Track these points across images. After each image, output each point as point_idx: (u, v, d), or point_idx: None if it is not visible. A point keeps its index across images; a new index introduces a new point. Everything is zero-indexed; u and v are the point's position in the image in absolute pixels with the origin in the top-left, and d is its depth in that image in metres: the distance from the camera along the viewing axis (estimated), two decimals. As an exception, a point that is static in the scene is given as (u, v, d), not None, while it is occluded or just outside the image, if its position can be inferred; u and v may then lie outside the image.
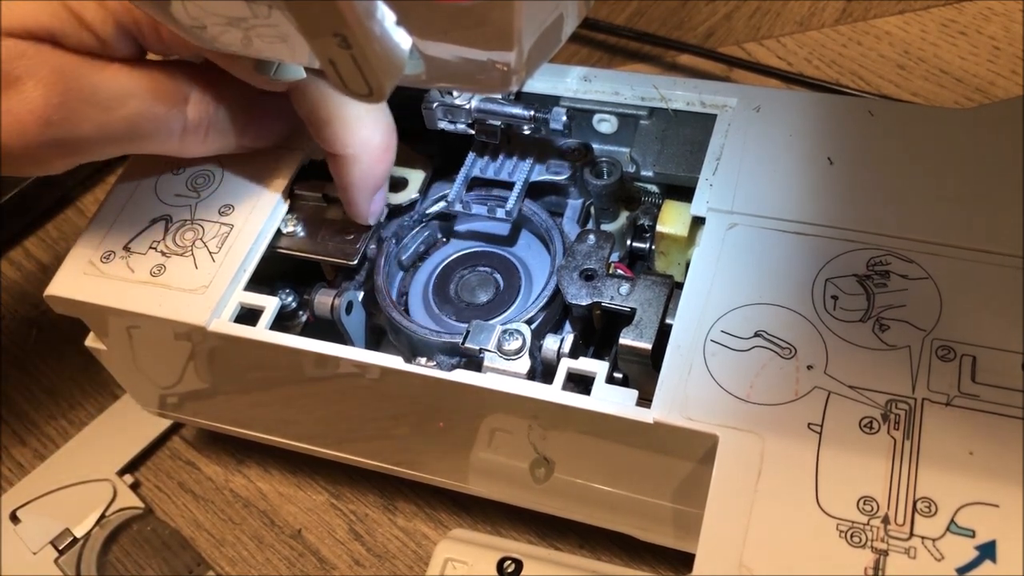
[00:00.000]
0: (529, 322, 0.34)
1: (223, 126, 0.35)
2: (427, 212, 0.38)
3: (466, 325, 0.33)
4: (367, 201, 0.36)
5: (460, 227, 0.39)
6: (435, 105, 0.37)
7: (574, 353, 0.33)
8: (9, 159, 0.31)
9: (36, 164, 0.32)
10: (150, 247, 0.35)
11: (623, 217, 0.38)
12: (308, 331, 0.37)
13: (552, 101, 0.38)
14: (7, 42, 0.29)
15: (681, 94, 0.37)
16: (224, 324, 0.33)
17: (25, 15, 0.29)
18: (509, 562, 0.35)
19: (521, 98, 0.38)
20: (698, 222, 0.34)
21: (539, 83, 0.38)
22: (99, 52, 0.31)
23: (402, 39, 0.24)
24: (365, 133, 0.34)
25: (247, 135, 0.36)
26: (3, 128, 0.30)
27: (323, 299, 0.36)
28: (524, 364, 0.32)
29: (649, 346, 0.32)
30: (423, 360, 0.33)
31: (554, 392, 0.31)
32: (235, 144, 0.36)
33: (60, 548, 0.40)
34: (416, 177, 0.39)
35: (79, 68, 0.30)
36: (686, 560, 0.29)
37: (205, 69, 0.34)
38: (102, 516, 0.41)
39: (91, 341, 0.38)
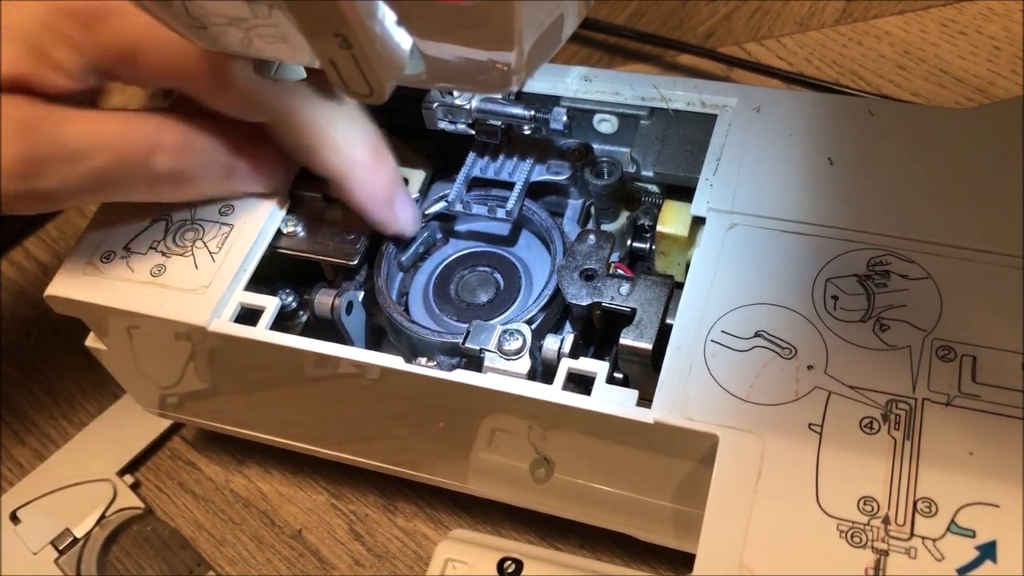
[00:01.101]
0: (529, 322, 0.34)
1: (200, 174, 0.34)
2: (427, 212, 0.38)
3: (466, 325, 0.33)
4: (387, 213, 0.36)
5: (460, 227, 0.39)
6: (435, 105, 0.37)
7: (574, 353, 0.33)
8: None
9: (10, 210, 0.32)
10: (150, 247, 0.35)
11: (623, 217, 0.38)
12: (308, 331, 0.37)
13: (552, 101, 0.38)
14: None
15: (681, 94, 0.37)
16: (224, 324, 0.33)
17: None
18: (509, 562, 0.35)
19: (521, 98, 0.38)
20: (698, 222, 0.34)
21: (539, 83, 0.38)
22: (72, 92, 0.31)
23: (403, 39, 0.25)
24: (348, 153, 0.34)
25: (236, 181, 0.35)
26: None
27: (323, 299, 0.36)
28: (524, 364, 0.32)
29: (649, 346, 0.32)
30: (423, 360, 0.33)
31: (554, 392, 0.31)
32: (222, 190, 0.35)
33: (60, 548, 0.40)
34: (416, 177, 0.39)
35: (46, 121, 0.30)
36: (686, 560, 0.29)
37: (181, 116, 0.33)
38: (102, 516, 0.41)
39: (91, 341, 0.38)
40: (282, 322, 0.35)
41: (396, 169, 0.36)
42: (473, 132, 0.38)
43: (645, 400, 0.30)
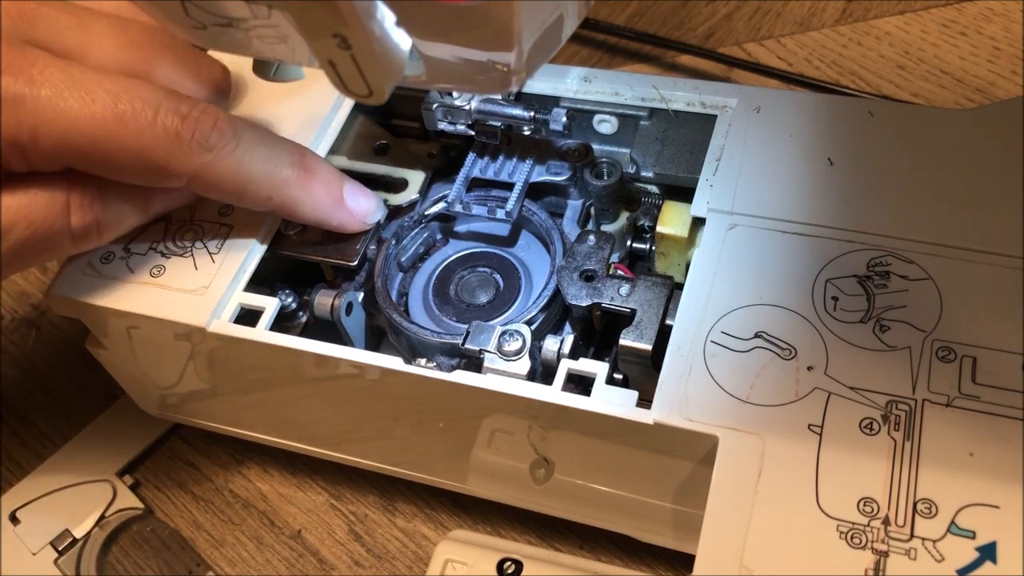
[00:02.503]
0: (529, 323, 0.34)
1: (117, 215, 0.33)
2: (427, 213, 0.38)
3: (466, 326, 0.33)
4: (342, 215, 0.35)
5: (460, 228, 0.39)
6: (435, 106, 0.37)
7: (574, 354, 0.33)
8: None
9: None
10: (150, 248, 0.35)
11: (623, 218, 0.38)
12: (308, 332, 0.36)
13: (552, 102, 0.38)
14: None
15: (681, 95, 0.37)
16: (224, 325, 0.33)
17: None
18: (509, 563, 0.35)
19: (521, 99, 0.38)
20: (698, 223, 0.34)
21: (539, 83, 0.38)
22: None
23: (402, 40, 0.25)
24: (272, 180, 0.33)
25: (154, 206, 0.34)
26: None
27: (323, 300, 0.36)
28: (524, 365, 0.32)
29: (649, 347, 0.32)
30: (423, 361, 0.33)
31: (554, 393, 0.31)
32: (143, 219, 0.35)
33: (60, 549, 0.40)
34: (416, 178, 0.39)
35: None
36: (686, 561, 0.29)
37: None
38: (102, 517, 0.41)
39: (91, 342, 0.38)
40: (282, 323, 0.35)
41: (331, 168, 0.35)
42: (473, 133, 0.38)
43: (645, 401, 0.30)
